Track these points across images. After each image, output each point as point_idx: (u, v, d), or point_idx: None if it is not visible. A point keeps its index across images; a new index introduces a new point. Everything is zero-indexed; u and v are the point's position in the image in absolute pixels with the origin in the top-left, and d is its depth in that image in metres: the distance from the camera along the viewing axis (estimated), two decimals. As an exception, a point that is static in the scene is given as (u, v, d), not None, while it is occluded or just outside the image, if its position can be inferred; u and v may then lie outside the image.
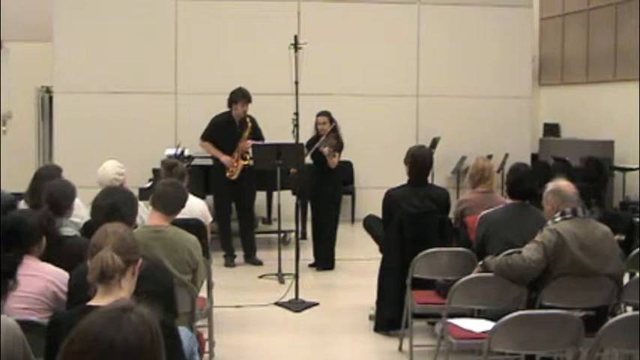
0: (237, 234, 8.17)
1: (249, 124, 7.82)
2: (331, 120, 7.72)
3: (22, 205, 4.78)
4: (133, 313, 1.81)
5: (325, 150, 7.61)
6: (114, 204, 3.76)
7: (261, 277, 7.48)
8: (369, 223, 6.18)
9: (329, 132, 7.66)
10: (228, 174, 7.82)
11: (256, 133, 7.97)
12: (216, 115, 8.06)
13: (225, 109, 8.07)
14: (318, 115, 7.83)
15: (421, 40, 10.87)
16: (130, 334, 1.77)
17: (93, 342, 1.75)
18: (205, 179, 8.37)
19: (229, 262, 7.98)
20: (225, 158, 7.86)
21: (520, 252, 4.17)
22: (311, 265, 7.82)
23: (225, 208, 8.06)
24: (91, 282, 2.72)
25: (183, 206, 4.48)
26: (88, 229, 4.00)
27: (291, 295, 6.55)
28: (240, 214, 8.11)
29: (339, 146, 7.74)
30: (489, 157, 8.58)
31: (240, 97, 7.86)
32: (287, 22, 9.72)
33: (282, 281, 7.15)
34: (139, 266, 2.85)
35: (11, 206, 4.47)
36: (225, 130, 7.90)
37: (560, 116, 13.13)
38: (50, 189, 4.16)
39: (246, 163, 7.75)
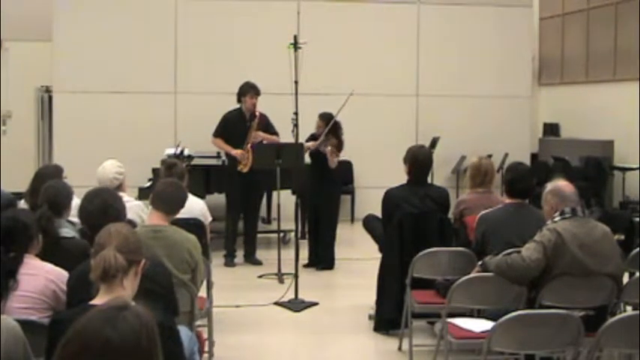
0: (240, 233, 8.18)
1: (257, 115, 7.84)
2: (327, 122, 7.72)
3: (22, 204, 4.78)
4: (129, 312, 1.81)
5: (328, 150, 7.62)
6: (105, 201, 3.78)
7: (260, 276, 7.48)
8: (369, 223, 6.18)
9: (328, 132, 7.67)
10: (240, 167, 7.81)
11: (268, 128, 7.98)
12: (226, 112, 8.08)
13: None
14: (319, 116, 7.87)
15: (421, 40, 10.88)
16: (126, 333, 1.77)
17: (89, 341, 1.75)
18: (206, 179, 8.38)
19: (229, 261, 7.99)
20: (236, 152, 7.87)
21: (519, 252, 4.17)
22: (305, 266, 7.74)
23: (236, 207, 8.06)
24: (94, 281, 2.73)
25: (182, 206, 4.48)
26: (87, 233, 3.99)
27: (290, 295, 6.55)
28: (248, 214, 8.11)
29: (339, 146, 7.76)
30: (489, 156, 8.57)
31: (248, 89, 7.89)
32: (287, 22, 9.72)
33: (281, 281, 7.15)
34: (142, 266, 2.85)
35: (11, 206, 4.47)
36: (236, 125, 7.92)
37: (560, 116, 13.14)
38: (48, 190, 4.16)
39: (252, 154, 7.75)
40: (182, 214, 4.59)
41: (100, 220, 3.35)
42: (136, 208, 5.12)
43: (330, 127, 7.68)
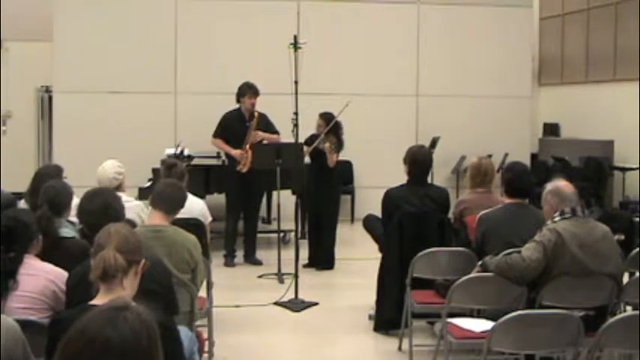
0: (240, 233, 8.18)
1: (256, 115, 7.85)
2: (327, 122, 7.72)
3: (22, 204, 4.78)
4: (130, 312, 1.81)
5: (326, 146, 7.63)
6: (105, 201, 3.79)
7: (260, 276, 7.48)
8: (369, 223, 6.18)
9: (327, 131, 7.68)
10: (239, 167, 7.82)
11: (268, 127, 7.99)
12: (226, 112, 8.08)
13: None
14: (319, 115, 7.87)
15: (421, 40, 10.87)
16: (126, 333, 1.77)
17: (89, 341, 1.75)
18: (206, 179, 8.39)
19: (229, 261, 7.99)
20: (235, 152, 7.88)
21: (519, 252, 4.17)
22: (305, 266, 7.73)
23: (236, 207, 8.06)
24: (93, 281, 2.73)
25: (182, 206, 4.49)
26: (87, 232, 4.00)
27: (290, 295, 6.55)
28: (248, 214, 8.11)
29: (339, 146, 7.76)
30: (489, 156, 8.58)
31: (247, 90, 7.90)
32: (287, 22, 9.72)
33: (281, 281, 7.15)
34: (142, 266, 2.85)
35: (11, 206, 4.47)
36: (236, 125, 7.93)
37: (560, 116, 13.14)
38: (48, 190, 4.16)
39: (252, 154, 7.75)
40: (182, 214, 4.60)
41: (99, 220, 3.35)
42: (136, 208, 5.13)
43: (331, 127, 7.68)
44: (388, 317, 5.56)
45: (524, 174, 4.94)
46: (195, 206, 5.43)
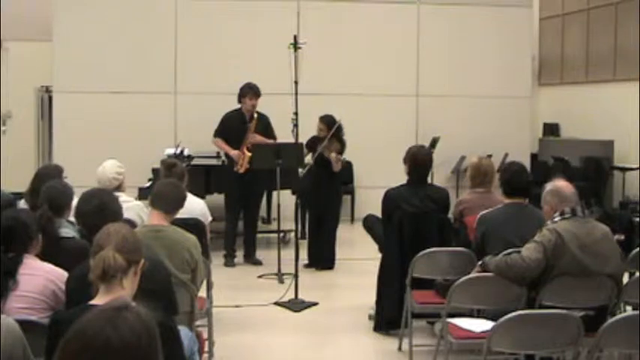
0: (239, 233, 8.18)
1: (255, 116, 7.85)
2: (329, 127, 7.70)
3: (22, 204, 4.78)
4: (130, 312, 1.81)
5: (332, 156, 7.61)
6: (102, 201, 3.80)
7: (260, 276, 7.48)
8: (369, 223, 6.18)
9: (331, 136, 7.65)
10: (236, 168, 7.83)
11: (268, 131, 7.99)
12: (227, 112, 8.09)
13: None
14: (319, 119, 7.84)
15: (421, 40, 10.87)
16: (126, 333, 1.77)
17: (89, 341, 1.75)
18: (206, 179, 8.39)
19: (229, 261, 7.99)
20: (233, 152, 7.89)
21: (519, 252, 4.17)
22: (305, 266, 7.74)
23: (235, 207, 8.07)
24: (93, 281, 2.73)
25: (182, 205, 4.49)
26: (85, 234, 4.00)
27: (290, 295, 6.55)
28: (247, 214, 8.12)
29: (342, 149, 7.77)
30: (489, 156, 8.58)
31: (248, 91, 7.92)
32: (287, 22, 9.72)
33: (281, 281, 7.15)
34: (142, 266, 2.85)
35: (10, 206, 4.47)
36: (236, 125, 7.94)
37: (560, 116, 13.13)
38: (48, 190, 4.16)
39: (251, 154, 7.76)
40: (182, 214, 4.60)
41: (96, 221, 3.35)
42: (136, 208, 5.13)
43: (332, 132, 7.67)
44: (388, 317, 5.56)
45: (521, 172, 4.94)
46: (195, 206, 5.43)
